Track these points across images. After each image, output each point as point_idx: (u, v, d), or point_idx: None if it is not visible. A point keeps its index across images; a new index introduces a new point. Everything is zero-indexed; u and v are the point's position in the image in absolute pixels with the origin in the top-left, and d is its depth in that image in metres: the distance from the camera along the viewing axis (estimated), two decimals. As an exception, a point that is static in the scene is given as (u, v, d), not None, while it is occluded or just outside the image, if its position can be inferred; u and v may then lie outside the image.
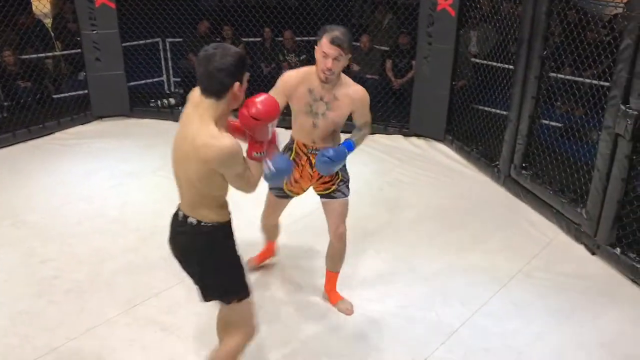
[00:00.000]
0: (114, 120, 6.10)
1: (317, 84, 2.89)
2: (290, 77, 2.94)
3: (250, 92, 2.22)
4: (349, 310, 3.34)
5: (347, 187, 3.13)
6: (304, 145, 3.07)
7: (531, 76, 4.35)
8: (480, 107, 5.49)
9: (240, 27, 6.59)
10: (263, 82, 5.73)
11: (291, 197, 3.27)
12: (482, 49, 6.42)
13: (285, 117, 2.76)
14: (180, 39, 7.11)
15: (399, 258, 3.87)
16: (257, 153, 2.24)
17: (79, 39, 5.83)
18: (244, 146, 2.24)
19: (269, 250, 3.76)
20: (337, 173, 3.08)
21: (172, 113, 6.11)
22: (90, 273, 3.70)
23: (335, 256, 3.28)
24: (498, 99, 5.20)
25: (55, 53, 6.83)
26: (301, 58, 6.93)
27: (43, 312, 3.30)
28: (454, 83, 5.43)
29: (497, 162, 4.91)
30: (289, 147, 3.13)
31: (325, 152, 2.85)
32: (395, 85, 6.64)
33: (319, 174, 3.04)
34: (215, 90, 2.10)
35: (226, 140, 2.07)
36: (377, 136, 5.73)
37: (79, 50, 5.89)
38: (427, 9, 5.24)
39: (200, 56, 2.11)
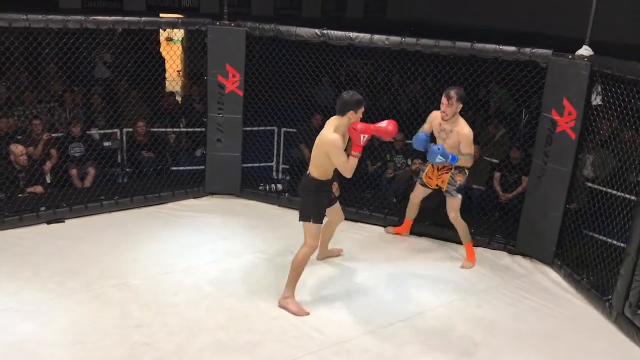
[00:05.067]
0: (224, 198, 6.31)
1: (442, 121, 4.95)
2: (433, 114, 5.05)
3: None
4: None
5: (457, 191, 5.01)
6: None
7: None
8: (595, 235, 5.19)
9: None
10: (367, 176, 6.44)
11: (429, 188, 5.24)
12: (598, 174, 6.17)
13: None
14: (295, 130, 7.46)
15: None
16: (355, 153, 3.97)
17: (205, 119, 6.19)
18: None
19: (406, 226, 5.59)
20: (448, 182, 5.02)
21: (279, 198, 6.27)
22: (179, 345, 3.75)
23: (458, 232, 5.20)
24: (615, 229, 4.90)
25: (182, 129, 7.35)
26: (409, 161, 6.97)
27: (130, 378, 3.36)
28: (567, 206, 5.21)
29: (610, 297, 4.55)
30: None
31: (438, 147, 4.80)
32: (502, 199, 6.48)
33: (436, 169, 5.10)
34: (339, 110, 3.99)
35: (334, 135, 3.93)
36: (479, 249, 5.50)
37: (203, 129, 6.27)
38: (546, 128, 5.14)
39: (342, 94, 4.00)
